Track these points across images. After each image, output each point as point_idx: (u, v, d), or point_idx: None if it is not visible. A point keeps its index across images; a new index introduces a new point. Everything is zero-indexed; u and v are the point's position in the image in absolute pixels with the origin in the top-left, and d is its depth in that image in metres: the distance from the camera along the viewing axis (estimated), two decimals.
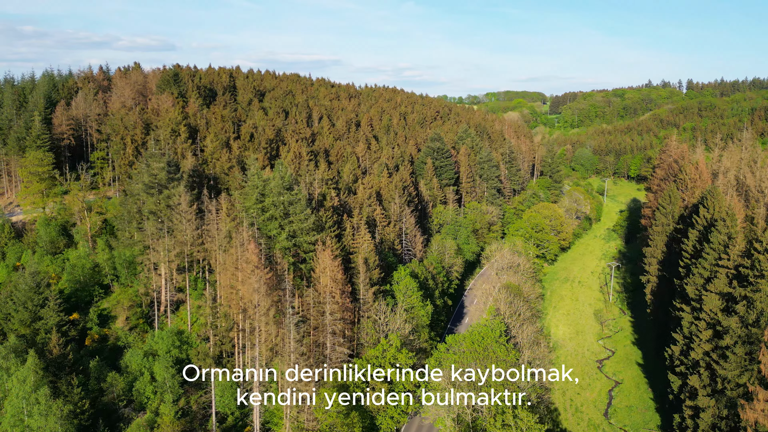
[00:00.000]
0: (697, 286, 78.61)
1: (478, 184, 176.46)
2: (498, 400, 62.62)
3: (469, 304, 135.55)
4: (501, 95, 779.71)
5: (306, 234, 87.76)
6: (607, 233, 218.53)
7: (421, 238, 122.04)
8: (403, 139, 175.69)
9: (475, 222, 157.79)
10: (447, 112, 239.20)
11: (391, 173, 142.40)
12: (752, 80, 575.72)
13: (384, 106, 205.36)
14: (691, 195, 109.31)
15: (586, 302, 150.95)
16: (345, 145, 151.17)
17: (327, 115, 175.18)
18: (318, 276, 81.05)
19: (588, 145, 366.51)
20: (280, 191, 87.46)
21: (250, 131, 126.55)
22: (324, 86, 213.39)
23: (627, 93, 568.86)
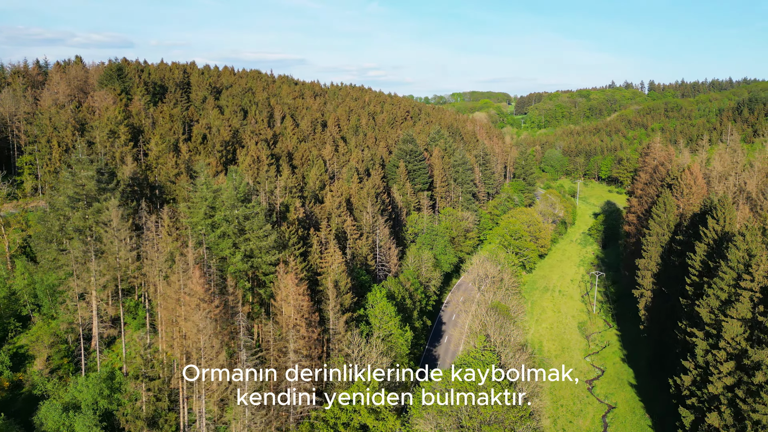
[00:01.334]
0: (712, 309, 69.49)
1: (453, 188, 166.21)
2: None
3: (447, 320, 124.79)
4: (467, 95, 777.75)
5: (265, 253, 74.82)
6: (583, 237, 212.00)
7: (396, 251, 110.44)
8: (372, 140, 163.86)
9: (451, 229, 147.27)
10: (417, 112, 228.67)
11: (362, 178, 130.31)
12: (711, 81, 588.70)
13: (351, 106, 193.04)
14: (687, 202, 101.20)
15: (568, 314, 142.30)
16: (310, 148, 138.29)
17: (290, 115, 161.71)
18: (279, 305, 68.34)
19: (557, 146, 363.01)
20: (233, 203, 74.21)
21: (203, 132, 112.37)
22: (287, 84, 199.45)
23: (592, 94, 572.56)
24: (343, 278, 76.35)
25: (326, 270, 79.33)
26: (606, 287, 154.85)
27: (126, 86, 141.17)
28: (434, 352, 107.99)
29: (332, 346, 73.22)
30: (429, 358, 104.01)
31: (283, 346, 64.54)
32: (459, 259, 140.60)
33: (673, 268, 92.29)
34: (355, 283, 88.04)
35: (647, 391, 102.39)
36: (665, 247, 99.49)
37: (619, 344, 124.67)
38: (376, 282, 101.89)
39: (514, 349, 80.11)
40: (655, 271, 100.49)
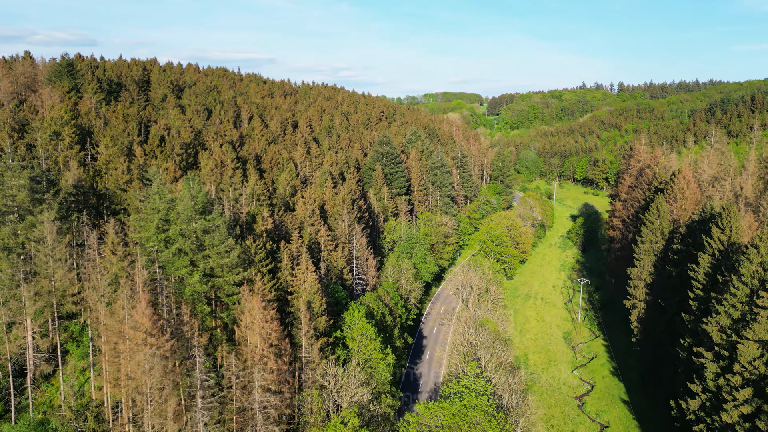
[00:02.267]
0: (722, 328, 63.52)
1: (431, 192, 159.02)
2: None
3: (428, 334, 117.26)
4: (439, 96, 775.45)
5: (228, 272, 65.80)
6: (562, 241, 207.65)
7: (374, 261, 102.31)
8: (347, 142, 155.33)
9: (430, 236, 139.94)
10: (392, 112, 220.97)
11: (336, 183, 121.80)
12: (679, 83, 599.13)
13: (324, 105, 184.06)
14: (681, 208, 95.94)
15: (553, 323, 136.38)
16: (280, 150, 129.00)
17: (258, 115, 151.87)
18: (244, 332, 59.45)
19: (532, 147, 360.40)
20: (190, 215, 64.96)
21: (161, 134, 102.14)
22: (255, 82, 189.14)
23: (563, 95, 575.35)
24: (317, 299, 67.83)
25: (298, 289, 70.67)
26: (590, 294, 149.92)
27: (77, 83, 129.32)
28: (416, 370, 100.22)
29: (305, 376, 64.66)
30: (410, 379, 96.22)
31: (248, 381, 55.72)
32: (440, 267, 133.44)
33: (670, 278, 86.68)
34: (330, 300, 79.64)
35: (641, 408, 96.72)
36: (659, 256, 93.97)
37: (607, 356, 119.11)
38: (354, 297, 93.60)
39: (506, 372, 72.91)
40: (648, 281, 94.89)
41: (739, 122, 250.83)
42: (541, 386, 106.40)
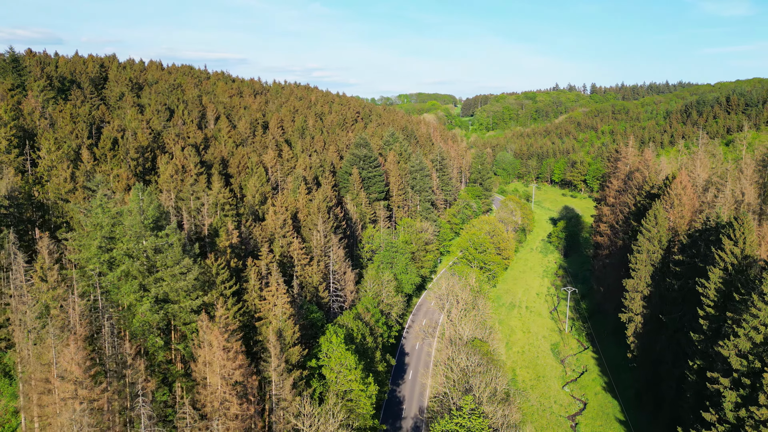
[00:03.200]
0: (742, 353, 57.24)
1: (411, 196, 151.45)
2: None
3: (410, 350, 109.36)
4: (413, 97, 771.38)
5: (185, 297, 56.65)
6: (543, 245, 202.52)
7: (352, 275, 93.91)
8: (321, 144, 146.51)
9: (410, 243, 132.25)
10: (368, 113, 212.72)
11: (311, 188, 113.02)
12: (650, 85, 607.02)
13: (296, 105, 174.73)
14: (679, 215, 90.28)
15: (539, 334, 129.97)
16: (249, 153, 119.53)
17: (226, 115, 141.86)
18: (202, 371, 50.46)
19: (509, 149, 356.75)
20: (140, 232, 55.58)
21: (114, 136, 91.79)
22: (223, 80, 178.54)
23: (537, 96, 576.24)
24: (289, 326, 59.15)
25: (267, 314, 61.83)
26: (576, 302, 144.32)
27: (23, 80, 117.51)
28: (398, 392, 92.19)
29: (276, 417, 55.90)
30: (393, 403, 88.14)
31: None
32: (421, 277, 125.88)
33: (671, 292, 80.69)
34: (304, 322, 71.01)
35: (639, 429, 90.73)
36: (657, 267, 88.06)
37: (597, 369, 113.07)
38: (331, 316, 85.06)
39: (501, 400, 65.45)
40: (646, 294, 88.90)
41: (716, 123, 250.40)
42: (531, 406, 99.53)
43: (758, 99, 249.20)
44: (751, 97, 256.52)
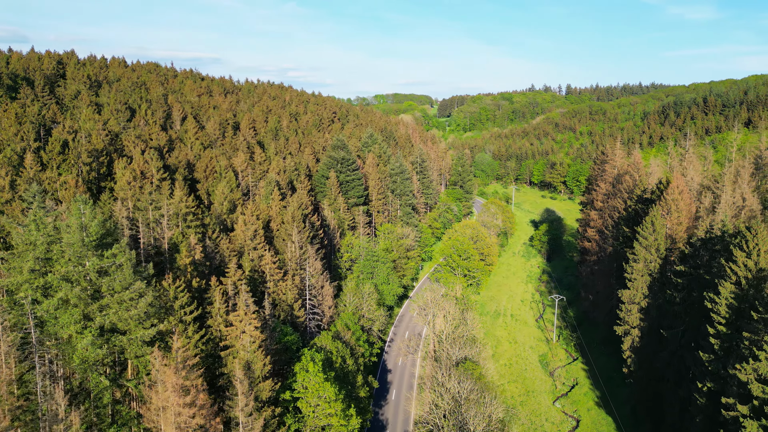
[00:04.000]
0: (762, 377, 51.88)
1: (391, 200, 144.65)
2: None
3: (393, 366, 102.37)
4: (389, 97, 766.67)
5: (136, 326, 48.64)
6: (525, 249, 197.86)
7: (330, 288, 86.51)
8: (296, 146, 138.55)
9: (391, 250, 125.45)
10: (345, 113, 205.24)
11: (285, 194, 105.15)
12: (623, 86, 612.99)
13: (270, 105, 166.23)
14: (676, 222, 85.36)
15: (526, 344, 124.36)
16: (218, 156, 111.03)
17: (194, 115, 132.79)
18: (155, 419, 42.58)
19: (487, 150, 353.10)
20: (81, 252, 47.38)
21: (64, 138, 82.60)
22: (192, 79, 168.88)
23: (514, 97, 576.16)
24: (259, 357, 51.55)
25: (234, 341, 54.13)
26: (562, 309, 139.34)
27: None
28: (381, 416, 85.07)
29: None
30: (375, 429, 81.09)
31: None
32: (403, 287, 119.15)
33: (672, 305, 75.50)
34: (278, 346, 63.45)
35: None
36: (655, 277, 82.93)
37: (589, 383, 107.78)
38: (307, 337, 77.53)
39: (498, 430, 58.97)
40: (643, 306, 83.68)
41: (694, 125, 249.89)
42: (522, 425, 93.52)
43: (735, 100, 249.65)
44: (728, 98, 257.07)
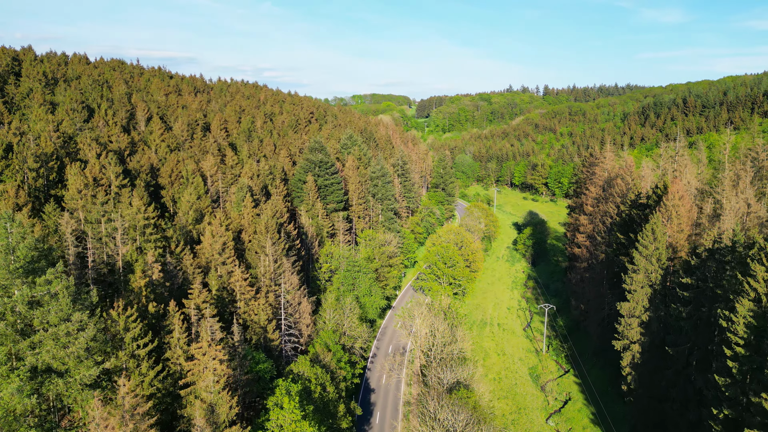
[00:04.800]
0: None
1: (372, 205, 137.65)
2: None
3: (376, 385, 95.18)
4: (367, 98, 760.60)
5: (76, 366, 40.73)
6: (509, 253, 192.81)
7: (308, 305, 79.13)
8: (271, 148, 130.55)
9: (373, 258, 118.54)
10: (323, 113, 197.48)
11: (258, 201, 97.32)
12: (599, 87, 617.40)
13: (243, 105, 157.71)
14: (677, 229, 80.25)
15: (515, 356, 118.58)
16: (185, 159, 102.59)
17: (160, 116, 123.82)
18: None
19: (467, 151, 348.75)
20: (6, 280, 39.31)
21: (8, 141, 73.52)
22: (159, 77, 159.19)
23: (493, 98, 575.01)
24: (225, 399, 44.01)
25: (196, 378, 46.47)
26: (551, 317, 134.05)
27: None
28: None
29: None
30: None
31: None
32: (387, 299, 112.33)
33: (678, 320, 70.20)
34: (248, 377, 55.89)
35: None
36: (657, 289, 77.63)
37: (582, 398, 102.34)
38: (283, 362, 69.97)
39: None
40: (644, 319, 78.29)
41: (675, 125, 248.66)
42: None
43: (715, 101, 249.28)
44: (707, 99, 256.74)
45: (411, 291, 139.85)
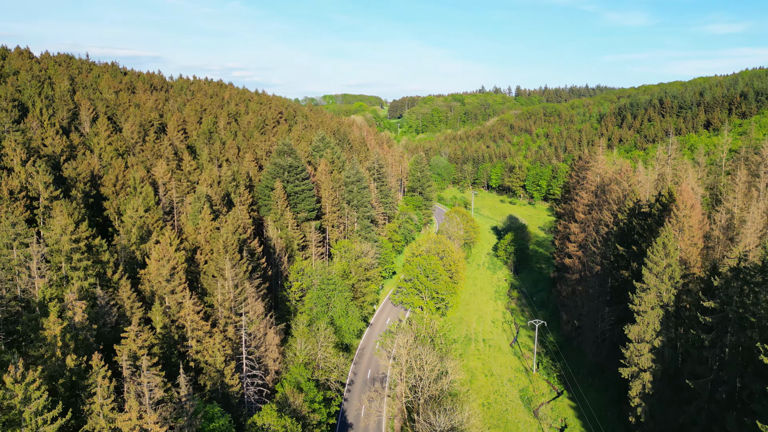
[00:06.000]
0: None
1: (347, 213, 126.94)
2: None
3: (354, 419, 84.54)
4: (339, 98, 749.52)
5: None
6: (490, 260, 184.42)
7: (276, 336, 67.96)
8: (234, 151, 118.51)
9: (349, 273, 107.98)
10: (292, 114, 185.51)
11: (218, 212, 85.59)
12: (570, 88, 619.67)
13: (205, 104, 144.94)
14: (690, 243, 72.16)
15: (504, 376, 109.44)
16: (135, 165, 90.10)
17: (108, 116, 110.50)
18: None
19: (443, 153, 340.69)
20: None
21: None
22: (110, 73, 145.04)
23: (466, 98, 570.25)
24: None
25: None
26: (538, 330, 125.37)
27: None
28: None
29: None
30: None
31: None
32: (364, 319, 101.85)
33: (698, 347, 61.86)
34: None
35: None
36: (671, 311, 69.26)
37: (580, 424, 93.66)
38: (244, 413, 58.61)
39: None
40: (656, 345, 69.82)
41: (652, 127, 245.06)
42: None
43: (692, 101, 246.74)
44: (683, 100, 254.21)
45: (389, 306, 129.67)
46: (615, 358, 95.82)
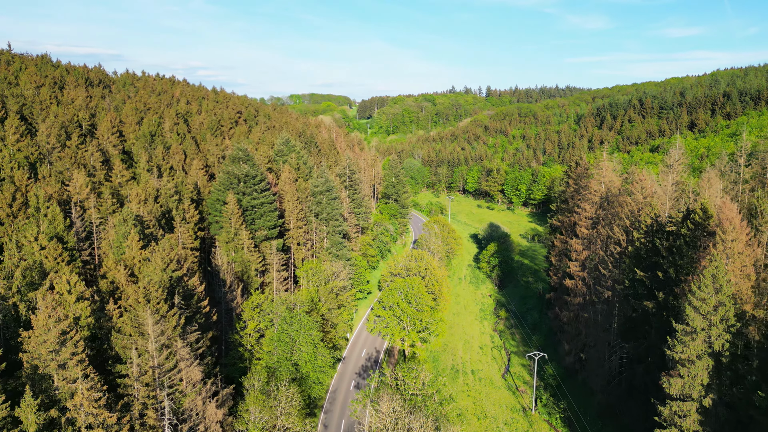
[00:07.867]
0: None
1: (315, 228, 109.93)
2: None
3: None
4: (306, 98, 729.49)
5: None
6: (471, 273, 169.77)
7: (218, 411, 50.72)
8: (180, 157, 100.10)
9: (318, 302, 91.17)
10: (253, 113, 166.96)
11: (153, 238, 67.56)
12: (541, 88, 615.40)
13: (149, 102, 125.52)
14: (742, 274, 58.21)
15: (499, 418, 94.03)
16: (47, 176, 71.26)
17: (22, 115, 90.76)
18: None
19: (416, 155, 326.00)
20: None
21: None
22: (38, 66, 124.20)
23: (437, 99, 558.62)
24: None
25: None
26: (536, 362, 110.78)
27: None
28: None
29: None
30: None
31: None
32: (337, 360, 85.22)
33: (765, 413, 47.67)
34: None
35: None
36: (725, 363, 55.03)
37: None
38: None
39: None
40: (707, 406, 55.51)
41: (633, 128, 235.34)
42: None
43: (673, 102, 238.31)
44: (664, 100, 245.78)
45: (365, 333, 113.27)
46: (632, 401, 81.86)
